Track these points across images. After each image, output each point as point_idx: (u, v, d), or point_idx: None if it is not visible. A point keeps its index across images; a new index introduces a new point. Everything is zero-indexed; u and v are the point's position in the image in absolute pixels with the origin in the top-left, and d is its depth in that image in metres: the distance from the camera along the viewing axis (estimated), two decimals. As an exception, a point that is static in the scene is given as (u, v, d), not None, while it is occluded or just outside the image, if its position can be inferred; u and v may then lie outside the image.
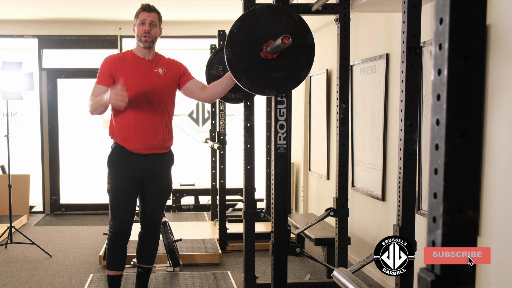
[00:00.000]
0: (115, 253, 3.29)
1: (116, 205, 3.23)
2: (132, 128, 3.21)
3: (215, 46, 5.62)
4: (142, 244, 3.40)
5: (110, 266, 3.31)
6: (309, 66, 2.54)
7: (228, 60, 2.45)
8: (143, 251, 3.41)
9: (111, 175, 3.24)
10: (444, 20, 0.81)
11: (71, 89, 7.23)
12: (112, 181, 3.23)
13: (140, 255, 3.42)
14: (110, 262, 3.30)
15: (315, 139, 5.85)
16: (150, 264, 3.45)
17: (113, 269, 3.30)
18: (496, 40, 2.72)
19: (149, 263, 3.43)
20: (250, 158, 3.48)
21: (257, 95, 2.94)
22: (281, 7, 2.49)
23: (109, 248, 3.30)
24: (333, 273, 2.07)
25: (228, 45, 2.45)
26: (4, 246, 5.18)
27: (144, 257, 3.42)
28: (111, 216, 3.26)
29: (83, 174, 7.31)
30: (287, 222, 2.58)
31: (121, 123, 3.24)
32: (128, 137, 3.22)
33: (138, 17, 3.29)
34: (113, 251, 3.29)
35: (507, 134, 2.64)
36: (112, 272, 3.31)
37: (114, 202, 3.23)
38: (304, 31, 2.51)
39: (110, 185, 3.25)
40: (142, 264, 3.43)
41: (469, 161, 0.81)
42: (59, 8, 6.36)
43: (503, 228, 2.68)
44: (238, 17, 2.46)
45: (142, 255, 3.42)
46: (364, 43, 4.48)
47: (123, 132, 3.24)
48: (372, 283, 4.17)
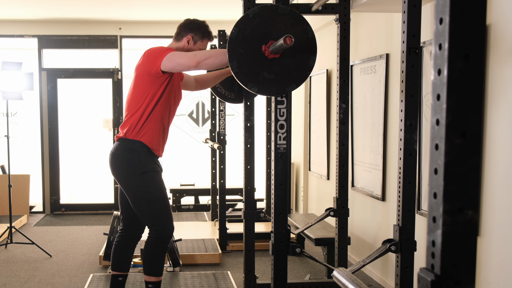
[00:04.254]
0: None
1: (166, 207, 3.14)
2: (163, 133, 3.18)
3: (215, 46, 5.62)
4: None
5: (160, 272, 3.21)
6: (314, 53, 2.50)
7: (236, 73, 2.43)
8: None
9: (152, 179, 3.09)
10: (444, 20, 0.81)
11: (71, 89, 7.23)
12: (154, 185, 3.09)
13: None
14: (161, 268, 3.20)
15: (315, 139, 5.85)
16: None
17: (160, 274, 3.22)
18: (496, 40, 2.72)
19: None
20: (250, 158, 3.48)
21: (258, 96, 2.94)
22: (272, 5, 2.48)
23: (164, 253, 3.20)
24: (333, 273, 2.07)
25: (231, 58, 2.42)
26: (4, 246, 5.18)
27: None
28: (164, 220, 3.13)
29: (83, 174, 7.31)
30: (287, 222, 2.58)
31: (155, 126, 3.11)
32: (160, 140, 3.16)
33: (203, 40, 3.24)
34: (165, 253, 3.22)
35: (507, 134, 2.64)
36: (160, 278, 3.22)
37: (164, 205, 3.13)
38: (302, 25, 2.49)
39: (154, 190, 3.09)
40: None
41: (469, 161, 0.81)
42: (59, 8, 6.36)
43: (503, 228, 2.68)
44: (235, 24, 2.45)
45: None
46: (364, 43, 4.48)
47: (156, 136, 3.13)
48: (372, 283, 4.17)
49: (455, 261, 0.82)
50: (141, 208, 3.12)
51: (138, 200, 3.11)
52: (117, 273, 3.31)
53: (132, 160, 3.07)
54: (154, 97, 3.06)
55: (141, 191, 3.08)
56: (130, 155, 3.07)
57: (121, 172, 3.10)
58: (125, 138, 3.10)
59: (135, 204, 3.13)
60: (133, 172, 3.06)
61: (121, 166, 3.09)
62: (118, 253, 3.30)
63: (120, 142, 3.13)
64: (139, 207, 3.12)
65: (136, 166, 3.06)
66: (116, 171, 3.13)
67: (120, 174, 3.11)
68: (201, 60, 2.89)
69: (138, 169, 3.06)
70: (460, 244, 0.82)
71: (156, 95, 3.07)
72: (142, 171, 3.06)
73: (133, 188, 3.09)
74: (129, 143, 3.09)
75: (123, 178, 3.11)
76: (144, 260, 3.21)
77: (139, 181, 3.07)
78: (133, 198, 3.12)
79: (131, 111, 3.10)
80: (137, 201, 3.11)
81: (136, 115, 3.08)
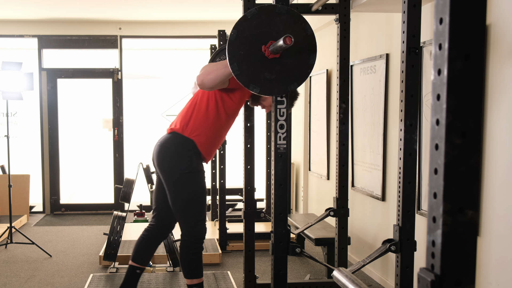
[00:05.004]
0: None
1: (204, 210, 3.13)
2: (218, 142, 3.18)
3: (215, 46, 5.62)
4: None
5: (200, 273, 3.18)
6: (314, 51, 2.50)
7: (237, 75, 2.43)
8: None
9: (198, 180, 3.08)
10: (444, 20, 0.81)
11: (71, 89, 7.23)
12: (198, 186, 3.07)
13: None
14: (201, 268, 3.17)
15: (315, 139, 5.85)
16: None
17: (201, 275, 3.19)
18: (496, 40, 2.72)
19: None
20: (250, 158, 3.48)
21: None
22: (270, 5, 2.48)
23: (200, 253, 3.15)
24: (333, 273, 2.07)
25: (231, 60, 2.42)
26: (4, 246, 5.18)
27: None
28: (200, 222, 3.11)
29: (83, 174, 7.30)
30: (287, 222, 2.58)
31: (215, 135, 3.11)
32: (212, 148, 3.15)
33: (293, 105, 3.35)
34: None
35: (507, 134, 2.64)
36: (201, 278, 3.19)
37: (203, 207, 3.12)
38: (301, 24, 2.49)
39: (197, 191, 3.08)
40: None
41: (469, 161, 0.81)
42: (59, 8, 6.36)
43: (503, 228, 2.68)
44: (233, 26, 2.45)
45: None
46: (364, 43, 4.48)
47: (212, 144, 3.12)
48: (372, 283, 4.17)
49: (455, 261, 0.82)
50: (180, 207, 3.09)
51: (179, 198, 3.08)
52: (136, 265, 3.27)
53: (183, 157, 3.04)
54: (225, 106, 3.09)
55: (185, 190, 3.06)
56: (182, 152, 3.04)
57: (169, 166, 3.05)
58: (180, 134, 3.06)
59: (175, 201, 3.09)
60: (183, 169, 3.03)
61: (170, 160, 3.05)
62: (142, 247, 3.27)
63: (173, 136, 3.08)
64: (179, 206, 3.09)
65: (187, 163, 3.03)
66: (164, 164, 3.07)
67: (168, 168, 3.06)
68: (204, 77, 2.87)
69: (188, 167, 3.03)
70: (460, 244, 0.82)
71: (226, 105, 3.09)
72: (191, 170, 3.03)
73: (178, 185, 3.06)
74: (183, 140, 3.05)
75: (170, 173, 3.06)
76: (183, 264, 3.16)
77: (186, 179, 3.04)
78: (174, 195, 3.08)
79: (199, 111, 3.08)
80: (178, 199, 3.08)
81: (201, 115, 3.07)
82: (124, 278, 3.31)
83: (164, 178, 3.10)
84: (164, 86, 7.32)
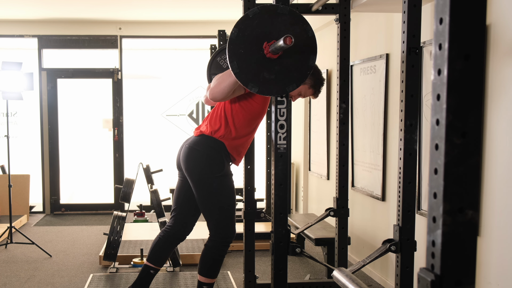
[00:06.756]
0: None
1: (233, 214, 3.12)
2: (248, 144, 3.18)
3: (215, 46, 5.62)
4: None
5: (216, 275, 3.22)
6: (314, 53, 2.50)
7: (236, 73, 2.44)
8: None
9: (227, 184, 3.06)
10: (444, 20, 0.81)
11: (71, 89, 7.23)
12: (227, 190, 3.05)
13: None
14: (218, 271, 3.21)
15: (315, 139, 5.85)
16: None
17: (216, 276, 3.23)
18: (496, 40, 2.72)
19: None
20: (250, 158, 3.48)
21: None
22: (272, 5, 2.48)
23: (223, 257, 3.19)
24: (333, 273, 2.07)
25: (231, 58, 2.42)
26: (4, 246, 5.18)
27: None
28: (231, 226, 3.11)
29: (83, 174, 7.30)
30: (287, 222, 2.58)
31: (244, 136, 3.11)
32: (242, 150, 3.15)
33: (319, 91, 3.28)
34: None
35: (507, 134, 2.64)
36: (214, 279, 3.23)
37: (233, 212, 3.11)
38: (302, 25, 2.49)
39: (227, 194, 3.06)
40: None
41: (469, 161, 0.81)
42: (59, 8, 6.36)
43: (503, 228, 2.68)
44: (234, 24, 2.45)
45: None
46: (364, 43, 4.48)
47: (241, 145, 3.12)
48: (372, 283, 4.17)
49: (455, 261, 0.82)
50: (210, 209, 3.07)
51: (209, 202, 3.06)
52: (151, 265, 3.24)
53: (214, 160, 3.02)
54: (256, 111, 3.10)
55: (216, 193, 3.03)
56: (214, 155, 3.02)
57: (198, 168, 3.02)
58: (210, 136, 3.04)
59: (204, 205, 3.07)
60: (213, 171, 3.01)
61: (200, 162, 3.02)
62: (159, 247, 3.25)
63: (203, 138, 3.05)
64: (209, 208, 3.07)
65: (217, 166, 3.02)
66: (192, 166, 3.03)
67: (197, 170, 3.02)
68: (213, 90, 2.87)
69: (220, 170, 3.02)
70: (460, 244, 0.82)
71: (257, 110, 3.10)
72: (221, 174, 3.02)
73: (208, 188, 3.03)
74: (214, 142, 3.03)
75: (199, 175, 3.02)
76: (204, 262, 3.16)
77: (216, 182, 3.02)
78: (204, 199, 3.06)
79: (227, 113, 3.08)
80: (208, 203, 3.06)
81: (229, 118, 3.06)
82: (137, 277, 3.28)
83: (193, 180, 3.06)
84: (164, 86, 7.32)
